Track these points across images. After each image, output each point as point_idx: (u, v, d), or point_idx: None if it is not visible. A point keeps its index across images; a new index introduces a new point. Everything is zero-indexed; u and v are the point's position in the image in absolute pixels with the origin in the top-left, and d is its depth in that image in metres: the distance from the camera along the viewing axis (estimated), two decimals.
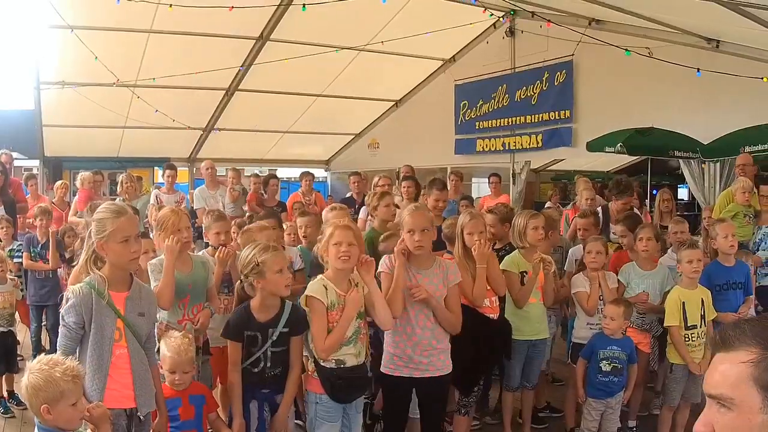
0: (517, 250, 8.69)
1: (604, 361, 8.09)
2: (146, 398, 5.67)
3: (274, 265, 6.17)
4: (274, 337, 6.24)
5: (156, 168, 24.07)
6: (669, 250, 10.01)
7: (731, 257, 9.12)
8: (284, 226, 9.88)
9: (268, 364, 6.28)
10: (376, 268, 6.69)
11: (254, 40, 18.65)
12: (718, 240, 9.04)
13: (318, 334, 6.16)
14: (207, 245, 8.84)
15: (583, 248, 9.23)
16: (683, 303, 8.25)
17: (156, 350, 6.20)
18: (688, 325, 8.14)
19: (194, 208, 15.62)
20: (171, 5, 14.42)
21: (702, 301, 8.36)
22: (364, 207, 12.08)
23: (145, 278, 6.99)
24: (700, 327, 8.15)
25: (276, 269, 6.18)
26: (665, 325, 8.39)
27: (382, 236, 8.86)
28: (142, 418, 5.62)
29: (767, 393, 2.22)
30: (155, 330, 6.30)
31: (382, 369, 6.99)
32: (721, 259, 9.13)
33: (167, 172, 16.48)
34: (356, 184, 16.06)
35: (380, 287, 6.64)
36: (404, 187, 12.56)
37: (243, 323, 6.31)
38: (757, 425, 2.23)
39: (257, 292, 6.26)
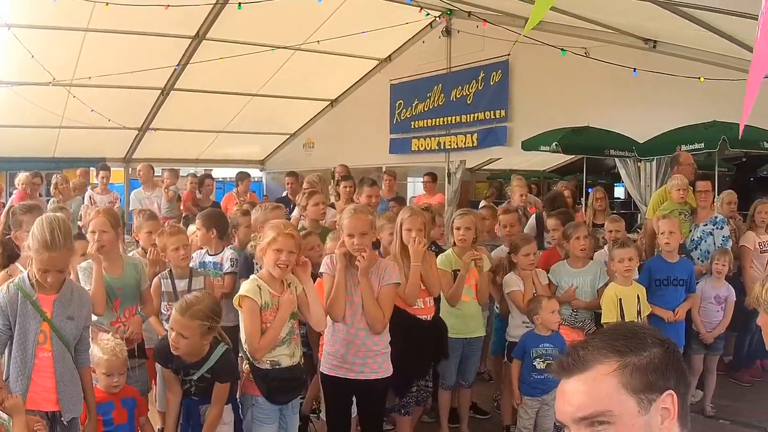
0: (450, 249, 8.75)
1: (537, 359, 8.14)
2: (71, 403, 5.60)
3: None
4: (195, 377, 6.22)
5: (92, 168, 23.89)
6: (604, 248, 10.08)
7: (674, 253, 9.29)
8: None
9: (193, 390, 6.29)
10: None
11: (190, 39, 18.49)
12: (659, 235, 9.18)
13: (251, 335, 6.11)
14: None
15: (512, 246, 9.25)
16: (620, 299, 8.36)
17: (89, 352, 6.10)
18: (625, 321, 8.18)
19: (130, 209, 15.53)
20: (107, 3, 14.25)
21: (638, 297, 8.50)
22: (297, 206, 12.06)
23: None
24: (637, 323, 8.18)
25: None
26: (602, 321, 8.51)
27: (330, 234, 8.89)
28: (65, 422, 5.55)
29: (640, 395, 2.33)
30: (89, 332, 6.19)
31: (321, 369, 7.01)
32: (665, 255, 9.30)
33: (101, 173, 16.39)
34: (291, 185, 15.94)
35: None
36: (343, 187, 12.56)
37: (165, 357, 6.33)
38: (641, 427, 2.33)
39: None
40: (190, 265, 8.40)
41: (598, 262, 9.47)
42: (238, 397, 6.55)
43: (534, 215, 12.44)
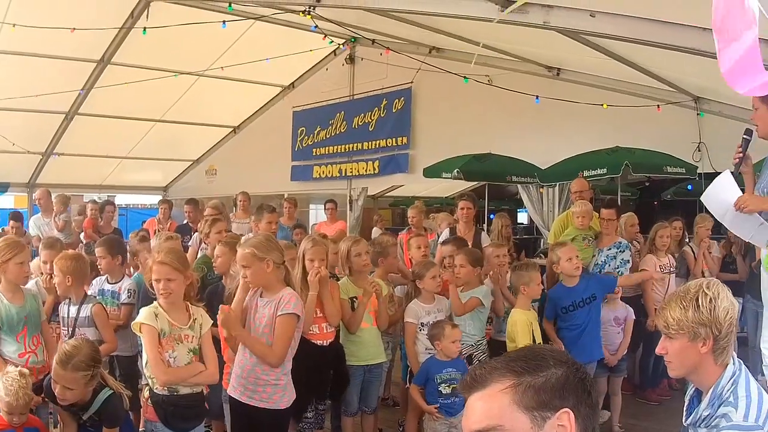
0: (346, 276, 8.81)
1: (443, 384, 8.14)
2: None
3: None
4: (85, 417, 6.23)
5: None
6: (488, 276, 10.07)
7: (574, 278, 9.32)
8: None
9: (89, 424, 6.28)
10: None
11: (95, 63, 18.36)
12: (561, 263, 9.24)
13: (154, 362, 6.06)
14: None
15: (415, 274, 9.29)
16: (531, 323, 8.48)
17: None
18: (535, 344, 8.30)
19: (30, 235, 15.35)
20: (14, 25, 14.25)
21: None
22: (195, 234, 11.93)
23: None
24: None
25: None
26: (521, 347, 8.57)
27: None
28: None
29: (532, 412, 2.42)
30: None
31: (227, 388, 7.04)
32: (565, 281, 9.36)
33: None
34: (189, 213, 15.50)
35: None
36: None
37: (53, 395, 6.22)
38: None
39: None
40: (89, 292, 8.35)
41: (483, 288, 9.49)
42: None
43: (447, 229, 12.48)
